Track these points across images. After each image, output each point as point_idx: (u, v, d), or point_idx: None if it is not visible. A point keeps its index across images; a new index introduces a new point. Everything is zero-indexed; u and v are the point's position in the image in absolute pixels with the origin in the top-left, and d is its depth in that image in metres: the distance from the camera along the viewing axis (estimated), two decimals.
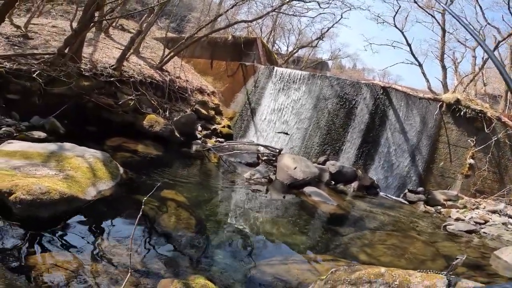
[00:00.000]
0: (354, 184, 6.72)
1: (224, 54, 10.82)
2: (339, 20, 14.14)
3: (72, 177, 2.86)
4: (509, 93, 12.44)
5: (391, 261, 3.59)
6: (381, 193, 7.15)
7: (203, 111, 8.60)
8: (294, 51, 17.30)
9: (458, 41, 14.01)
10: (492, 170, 7.51)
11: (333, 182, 6.73)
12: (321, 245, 3.84)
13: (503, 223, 6.18)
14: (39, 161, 2.73)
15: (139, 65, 8.30)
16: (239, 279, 2.65)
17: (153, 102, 7.51)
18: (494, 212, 6.60)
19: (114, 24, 10.57)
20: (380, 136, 7.81)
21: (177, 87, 8.61)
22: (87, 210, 2.97)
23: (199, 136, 7.70)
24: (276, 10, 10.76)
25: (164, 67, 8.99)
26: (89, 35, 7.99)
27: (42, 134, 4.71)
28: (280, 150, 6.81)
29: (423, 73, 13.02)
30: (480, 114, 7.61)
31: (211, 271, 2.66)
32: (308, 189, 5.71)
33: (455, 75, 15.95)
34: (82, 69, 6.28)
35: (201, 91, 9.50)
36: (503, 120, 7.46)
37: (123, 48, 7.55)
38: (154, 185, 3.81)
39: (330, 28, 15.52)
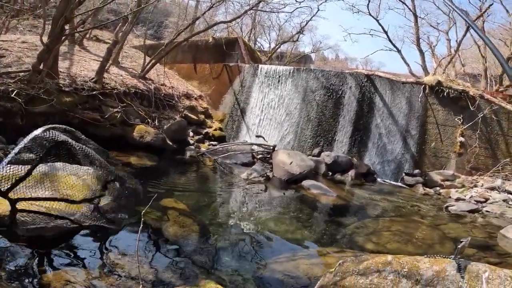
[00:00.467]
0: (351, 173, 6.77)
1: (207, 57, 10.74)
2: (316, 12, 14.34)
3: (68, 196, 2.80)
4: (488, 71, 12.85)
5: (399, 247, 3.60)
6: (379, 179, 7.24)
7: (193, 116, 8.50)
8: (276, 47, 17.37)
9: (431, 25, 14.35)
10: (484, 146, 7.70)
11: (330, 173, 6.76)
12: (326, 238, 3.84)
13: (503, 200, 6.25)
14: (33, 183, 2.64)
15: (121, 75, 8.12)
16: (249, 280, 2.62)
17: (140, 112, 7.37)
18: (492, 189, 6.69)
19: (87, 35, 10.32)
20: (370, 123, 7.91)
21: (163, 94, 8.47)
22: (89, 225, 2.93)
23: (191, 141, 7.61)
24: (253, 8, 10.73)
25: (147, 76, 8.84)
26: (63, 48, 7.76)
27: (32, 156, 4.55)
28: (274, 147, 6.80)
29: (403, 58, 13.25)
30: (463, 94, 7.81)
31: (220, 275, 2.62)
32: (306, 183, 5.71)
33: (433, 58, 16.31)
34: (61, 85, 6.06)
35: (188, 96, 9.39)
36: (486, 97, 7.67)
37: (100, 59, 7.36)
38: (152, 196, 3.75)
39: (309, 21, 15.66)
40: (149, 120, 7.19)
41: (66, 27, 6.07)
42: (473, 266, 1.63)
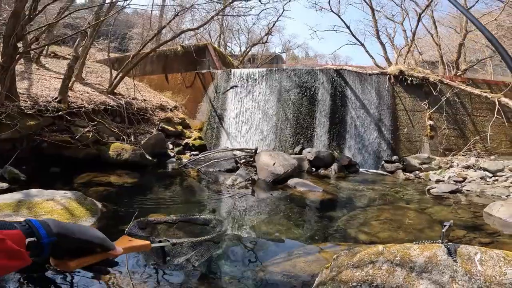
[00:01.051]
0: (334, 166, 6.91)
1: (178, 66, 10.57)
2: (282, 13, 14.79)
3: None
4: (444, 58, 13.71)
5: (390, 235, 3.65)
6: (361, 169, 7.45)
7: (170, 128, 8.32)
8: (247, 50, 17.49)
9: (387, 17, 15.14)
10: (452, 127, 8.19)
11: (313, 169, 6.87)
12: (319, 233, 3.85)
13: (481, 178, 6.57)
14: (11, 211, 2.45)
15: (87, 92, 7.78)
16: (249, 284, 2.58)
17: (113, 129, 7.09)
18: (468, 167, 7.06)
19: (44, 52, 9.80)
20: (345, 115, 8.16)
21: (135, 109, 8.22)
22: None
23: (172, 154, 7.43)
24: (219, 14, 10.74)
25: (116, 91, 8.54)
26: (20, 67, 7.32)
27: (4, 185, 4.26)
28: (256, 150, 6.80)
29: (367, 51, 13.88)
30: (424, 80, 8.31)
31: (219, 283, 2.56)
32: (292, 181, 5.76)
33: (393, 49, 17.17)
34: (22, 107, 5.69)
35: (162, 108, 9.18)
36: (445, 82, 8.19)
37: (62, 77, 7.03)
38: (135, 213, 3.60)
39: (276, 22, 15.97)
40: (124, 137, 6.94)
41: (19, 44, 5.73)
42: (463, 249, 1.64)
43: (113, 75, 8.60)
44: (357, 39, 13.70)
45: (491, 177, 6.53)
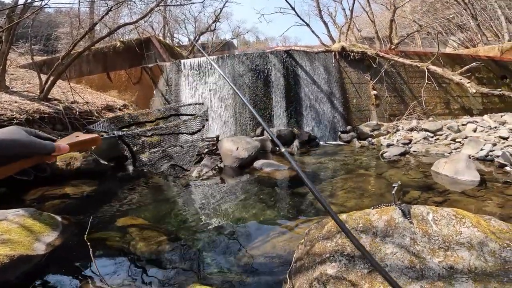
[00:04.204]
0: (296, 143, 7.15)
1: (120, 63, 9.85)
2: None
3: (8, 240, 2.40)
4: (379, 34, 14.75)
5: (356, 203, 3.85)
6: (321, 142, 7.83)
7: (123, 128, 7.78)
8: (196, 39, 16.85)
9: None
10: (393, 95, 8.95)
11: (277, 148, 7.03)
12: (292, 211, 3.96)
13: (424, 138, 7.21)
14: None
15: (15, 102, 6.91)
16: (233, 272, 2.59)
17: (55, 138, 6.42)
18: (412, 130, 7.76)
19: None
20: (299, 93, 8.44)
21: (77, 113, 7.53)
22: (47, 265, 2.63)
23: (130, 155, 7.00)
24: (160, 5, 10.12)
25: (50, 96, 7.71)
26: None
27: None
28: (217, 137, 6.73)
29: (312, 31, 14.53)
30: (364, 55, 8.93)
31: (202, 275, 2.54)
32: (257, 163, 5.84)
33: (335, 28, 17.97)
34: None
35: (110, 108, 8.54)
36: (381, 55, 8.87)
37: None
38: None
39: (222, 8, 15.60)
40: None
41: None
42: (416, 210, 1.66)
43: (43, 80, 7.71)
44: (303, 20, 14.03)
45: (432, 137, 7.21)
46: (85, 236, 2.32)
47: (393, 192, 1.75)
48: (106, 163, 6.12)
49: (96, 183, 5.25)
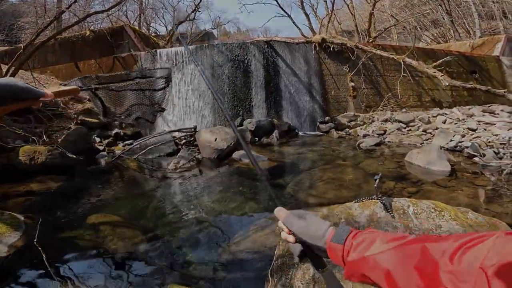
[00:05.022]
0: (275, 133, 7.11)
1: (90, 52, 9.27)
2: None
3: None
4: (358, 27, 14.91)
5: (335, 194, 3.86)
6: (300, 133, 7.86)
7: (92, 119, 7.35)
8: (173, 29, 16.13)
9: None
10: (369, 87, 9.12)
11: (256, 138, 6.97)
12: (272, 203, 3.89)
13: (397, 129, 7.41)
14: None
15: None
16: (214, 269, 2.51)
17: (17, 131, 5.95)
18: (386, 121, 7.95)
19: None
20: (279, 84, 8.38)
21: (41, 104, 6.99)
22: (10, 266, 2.47)
23: (101, 147, 6.63)
24: None
25: None
26: None
27: None
28: (195, 128, 6.54)
29: (293, 22, 14.22)
30: (343, 47, 9.00)
31: (182, 273, 2.45)
32: (236, 154, 5.73)
33: (316, 19, 17.95)
34: None
35: (78, 99, 8.02)
36: (360, 47, 8.97)
37: None
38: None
39: None
40: (34, 138, 5.90)
41: None
42: (397, 203, 1.67)
43: (4, 71, 7.06)
44: (284, 11, 13.89)
45: (405, 128, 7.47)
46: (35, 241, 2.19)
47: (375, 185, 1.73)
48: (74, 156, 5.76)
49: (64, 178, 4.92)
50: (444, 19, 16.73)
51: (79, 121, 7.09)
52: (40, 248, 2.28)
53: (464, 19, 15.97)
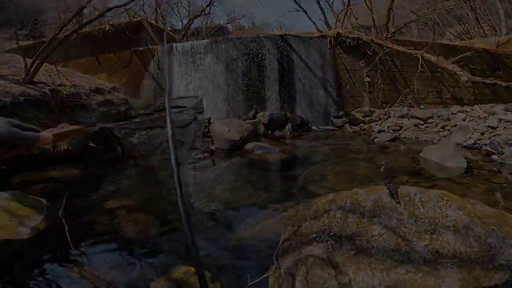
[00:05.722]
0: (288, 127, 7.12)
1: (110, 46, 9.60)
2: None
3: None
4: (376, 22, 14.52)
5: (346, 187, 3.75)
6: (313, 127, 7.84)
7: (114, 110, 7.62)
8: (189, 23, 16.30)
9: None
10: (386, 82, 8.94)
11: (269, 131, 7.00)
12: (282, 194, 3.95)
13: (414, 125, 7.22)
14: None
15: (0, 85, 6.66)
16: (222, 255, 2.58)
17: (41, 121, 6.24)
18: (402, 117, 7.77)
19: None
20: (293, 78, 8.37)
21: (64, 96, 7.28)
22: (31, 247, 2.61)
23: (120, 136, 6.87)
24: None
25: (36, 79, 7.43)
26: None
27: None
28: (209, 119, 6.66)
29: (308, 17, 14.01)
30: (359, 41, 8.84)
31: (191, 257, 2.53)
32: (249, 146, 5.79)
33: (332, 14, 17.59)
34: None
35: (99, 91, 8.30)
36: (376, 42, 8.78)
37: None
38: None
39: None
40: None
41: None
42: (403, 190, 1.65)
43: (29, 64, 7.41)
44: (299, 5, 13.70)
45: (423, 124, 7.26)
46: (60, 213, 2.35)
47: (381, 169, 1.78)
48: (95, 145, 6.00)
49: (83, 166, 5.15)
50: (468, 15, 15.99)
51: (100, 112, 7.36)
52: (66, 228, 2.39)
53: (490, 16, 15.22)
